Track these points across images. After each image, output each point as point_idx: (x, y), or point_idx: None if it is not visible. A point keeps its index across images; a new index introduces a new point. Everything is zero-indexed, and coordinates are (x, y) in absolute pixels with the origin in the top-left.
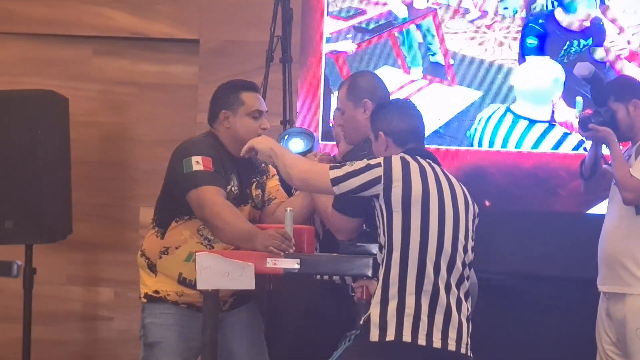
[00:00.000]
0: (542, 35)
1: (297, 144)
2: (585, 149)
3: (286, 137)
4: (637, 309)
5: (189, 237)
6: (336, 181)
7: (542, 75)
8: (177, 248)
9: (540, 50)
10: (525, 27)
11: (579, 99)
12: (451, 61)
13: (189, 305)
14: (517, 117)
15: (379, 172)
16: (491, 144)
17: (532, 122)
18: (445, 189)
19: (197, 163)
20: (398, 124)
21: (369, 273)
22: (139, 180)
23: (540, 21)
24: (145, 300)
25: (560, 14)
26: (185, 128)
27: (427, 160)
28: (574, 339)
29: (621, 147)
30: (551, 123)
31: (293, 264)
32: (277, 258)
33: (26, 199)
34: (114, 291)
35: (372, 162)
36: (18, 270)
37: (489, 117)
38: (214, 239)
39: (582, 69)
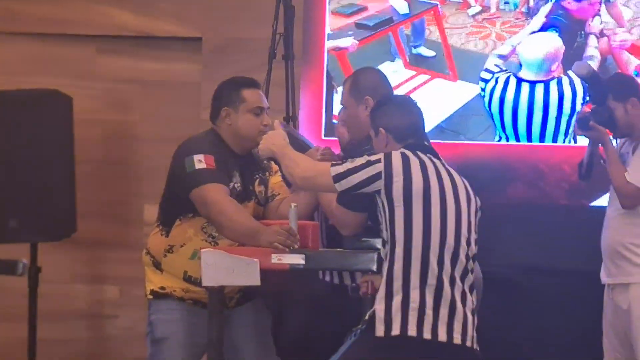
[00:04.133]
0: (561, 27)
1: None
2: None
3: None
4: None
5: (193, 235)
6: (338, 178)
7: (545, 47)
8: (181, 246)
9: None
10: (549, 17)
11: None
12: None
13: (195, 302)
14: (519, 81)
15: (379, 167)
16: (501, 110)
17: (533, 83)
18: (446, 182)
19: (200, 161)
20: (398, 120)
21: (374, 268)
22: (143, 178)
23: (560, 12)
24: (151, 296)
25: (570, 4)
26: (189, 125)
27: (428, 155)
28: (579, 331)
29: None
30: (546, 81)
31: (298, 260)
32: (282, 254)
33: (31, 198)
34: (119, 289)
35: (372, 158)
36: (24, 269)
37: (495, 83)
38: (218, 236)
39: (580, 68)
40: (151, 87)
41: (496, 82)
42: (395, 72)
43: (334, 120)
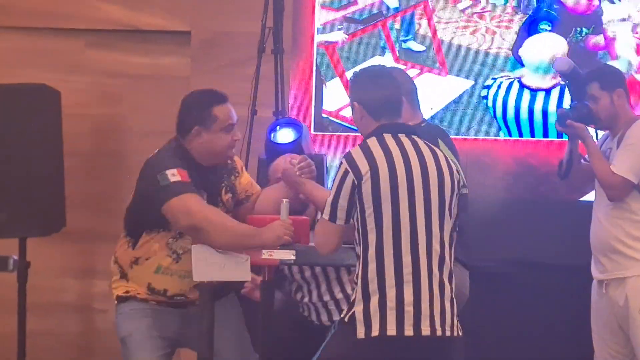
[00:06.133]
0: (554, 21)
1: (287, 135)
2: None
3: (277, 127)
4: (638, 289)
5: (158, 250)
6: (333, 217)
7: (548, 49)
8: (147, 259)
9: None
10: (536, 12)
11: None
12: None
13: (158, 302)
14: (522, 87)
15: (351, 178)
16: (505, 115)
17: (534, 92)
18: (415, 170)
19: (174, 175)
20: (371, 94)
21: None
22: (131, 171)
23: (555, 6)
24: (116, 301)
25: None
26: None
27: (399, 135)
28: (570, 325)
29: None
30: (548, 89)
31: (289, 255)
32: (273, 249)
33: (19, 192)
34: (109, 283)
35: (340, 173)
36: (14, 265)
37: (499, 87)
38: (183, 252)
39: (562, 64)
40: (140, 80)
41: (499, 87)
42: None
43: (324, 115)
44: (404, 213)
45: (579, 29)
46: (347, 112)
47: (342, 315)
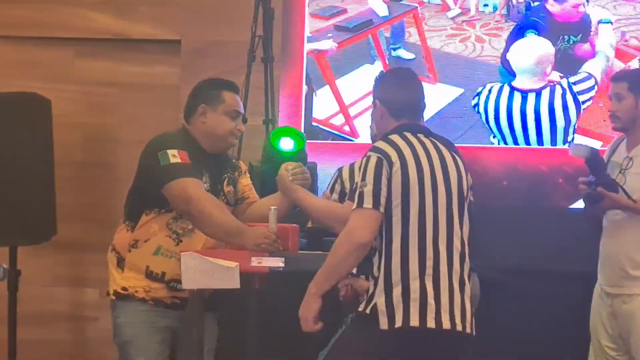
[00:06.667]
0: (541, 29)
1: (287, 143)
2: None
3: (278, 135)
4: None
5: (158, 231)
6: (376, 204)
7: (535, 52)
8: (146, 241)
9: None
10: (523, 20)
11: None
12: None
13: (156, 302)
14: (512, 90)
15: (385, 166)
16: (497, 119)
17: (525, 93)
18: (437, 167)
19: (174, 156)
20: (394, 95)
21: (354, 270)
22: (122, 181)
23: (542, 14)
24: (114, 297)
25: (552, 6)
26: (168, 128)
27: (418, 135)
28: (564, 333)
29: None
30: (538, 90)
31: (278, 263)
32: (262, 257)
33: (10, 201)
34: (100, 291)
35: (373, 163)
36: (4, 273)
37: (489, 92)
38: (183, 233)
39: (578, 152)
40: (130, 90)
41: (489, 91)
42: (374, 75)
43: (314, 123)
44: (428, 206)
45: (566, 37)
46: (337, 120)
47: (359, 309)
